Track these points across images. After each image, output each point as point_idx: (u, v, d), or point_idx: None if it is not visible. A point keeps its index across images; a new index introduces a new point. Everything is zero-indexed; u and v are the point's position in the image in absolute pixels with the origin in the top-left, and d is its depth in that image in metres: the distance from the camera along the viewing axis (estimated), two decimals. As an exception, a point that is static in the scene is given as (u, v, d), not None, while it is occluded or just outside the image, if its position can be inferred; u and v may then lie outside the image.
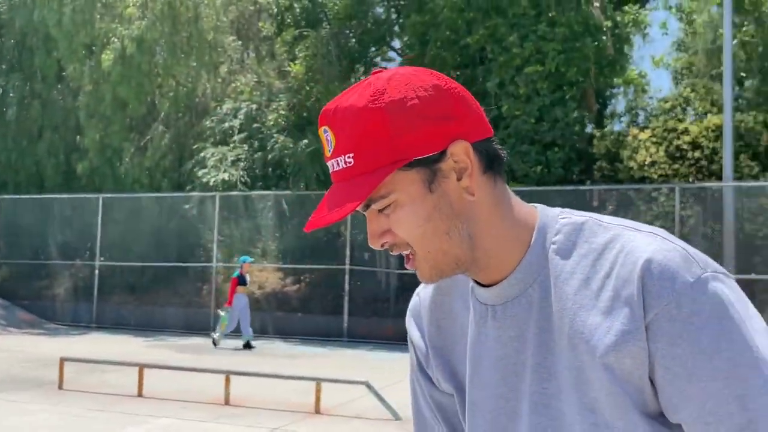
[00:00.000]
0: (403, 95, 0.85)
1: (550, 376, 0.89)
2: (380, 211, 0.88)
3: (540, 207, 0.94)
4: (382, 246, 0.91)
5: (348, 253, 13.99)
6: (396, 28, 16.20)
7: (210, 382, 8.00)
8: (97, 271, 16.25)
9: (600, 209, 13.74)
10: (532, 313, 0.90)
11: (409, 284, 14.80)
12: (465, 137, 0.87)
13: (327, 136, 0.89)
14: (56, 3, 16.06)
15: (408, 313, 1.08)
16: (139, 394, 7.82)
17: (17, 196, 17.48)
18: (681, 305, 0.80)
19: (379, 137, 0.85)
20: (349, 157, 0.86)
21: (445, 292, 1.02)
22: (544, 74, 13.66)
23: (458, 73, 15.53)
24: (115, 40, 16.10)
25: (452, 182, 0.87)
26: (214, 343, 12.48)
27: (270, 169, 15.20)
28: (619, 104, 19.28)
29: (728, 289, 0.82)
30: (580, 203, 13.49)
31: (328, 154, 0.90)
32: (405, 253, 0.91)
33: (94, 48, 16.92)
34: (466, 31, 14.35)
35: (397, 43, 17.19)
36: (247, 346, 12.26)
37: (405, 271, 14.63)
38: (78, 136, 17.38)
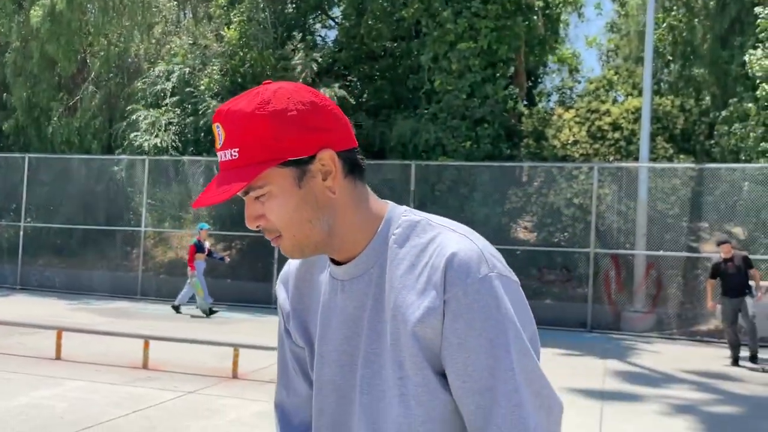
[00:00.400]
0: (284, 107, 1.04)
1: (378, 338, 1.11)
2: (256, 198, 1.07)
3: (391, 205, 1.17)
4: (257, 227, 1.09)
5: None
6: (334, -3, 16.19)
7: (129, 346, 8.12)
8: (21, 232, 15.95)
9: (526, 185, 14.22)
10: (371, 288, 1.12)
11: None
12: (332, 146, 1.07)
13: (219, 131, 1.07)
14: (-19, -46, 15.47)
15: (279, 278, 1.30)
16: (57, 357, 7.88)
17: (-63, 153, 16.95)
18: (467, 293, 1.03)
19: (261, 138, 1.04)
20: (234, 152, 1.05)
21: (310, 264, 1.24)
22: (477, 51, 13.92)
23: (394, 44, 15.69)
24: (44, -5, 15.63)
25: (318, 181, 1.07)
26: (177, 311, 12.43)
27: (202, 134, 15.11)
28: (551, 83, 19.82)
29: (505, 288, 1.05)
30: (507, 179, 13.94)
31: (218, 146, 1.08)
32: (273, 237, 1.10)
33: (23, 3, 16.39)
34: (401, 3, 14.47)
35: (335, 12, 17.18)
36: (210, 312, 12.30)
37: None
38: (5, 94, 16.87)
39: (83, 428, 5.30)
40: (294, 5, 16.48)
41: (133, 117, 15.07)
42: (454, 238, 1.07)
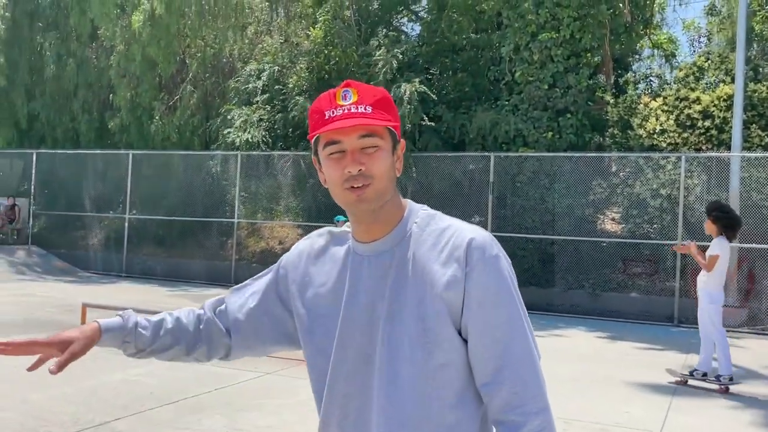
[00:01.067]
0: (390, 98, 1.41)
1: (399, 299, 1.37)
2: (365, 149, 1.34)
3: (410, 201, 1.47)
4: (357, 167, 1.33)
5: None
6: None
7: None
8: (126, 224, 17.11)
9: (611, 176, 13.99)
10: (394, 261, 1.39)
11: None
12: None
13: (347, 93, 1.36)
14: (89, -36, 16.61)
15: (297, 247, 1.58)
16: (152, 339, 8.54)
17: (54, 151, 18.37)
18: (486, 264, 1.33)
19: (389, 109, 1.38)
20: (368, 107, 1.34)
21: (317, 252, 1.53)
22: (559, 41, 13.80)
23: (476, 36, 15.74)
24: (145, 1, 16.62)
25: (397, 159, 1.41)
26: None
27: (290, 129, 15.70)
28: (646, 70, 19.27)
29: (509, 266, 1.38)
30: (591, 169, 13.76)
31: (341, 102, 1.35)
32: (362, 183, 1.34)
33: (125, 9, 17.49)
34: (483, -4, 14.52)
35: (418, 7, 17.39)
36: None
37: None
38: (111, 95, 18.07)
39: (169, 402, 5.82)
40: (379, 2, 16.79)
41: (228, 116, 15.82)
42: (469, 227, 1.38)
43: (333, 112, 1.34)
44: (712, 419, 6.03)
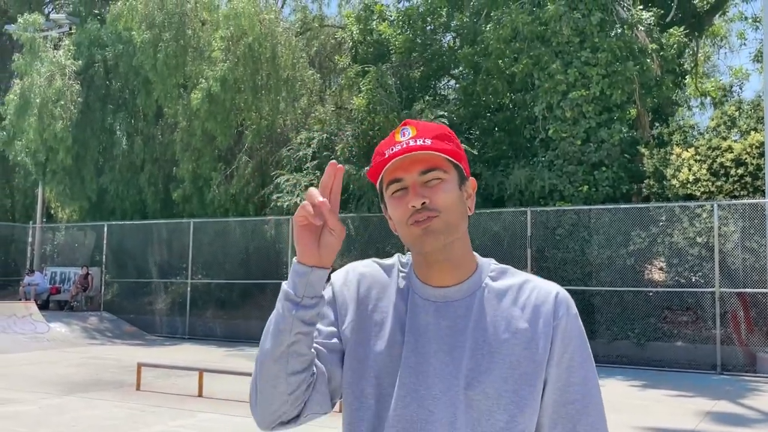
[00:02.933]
0: (455, 137, 1.36)
1: (480, 353, 1.28)
2: (425, 182, 1.28)
3: (476, 253, 1.41)
4: (419, 201, 1.26)
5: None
6: (454, 58, 17.19)
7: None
8: (189, 288, 18.17)
9: (650, 226, 14.16)
10: (472, 314, 1.31)
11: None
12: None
13: (405, 130, 1.31)
14: (152, 49, 18.15)
15: (352, 270, 1.42)
16: (199, 395, 9.24)
17: (123, 222, 19.77)
18: (569, 322, 1.31)
19: (450, 140, 1.32)
20: (427, 140, 1.27)
21: (375, 280, 1.40)
22: (590, 98, 14.28)
23: (511, 97, 16.37)
24: (203, 80, 18.00)
25: (468, 195, 1.35)
26: None
27: (338, 193, 16.53)
28: (686, 119, 19.45)
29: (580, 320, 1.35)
30: (629, 220, 13.98)
31: (400, 138, 1.29)
32: (428, 216, 1.27)
33: (186, 88, 18.94)
34: (513, 59, 15.18)
35: (455, 72, 18.21)
36: None
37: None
38: (174, 168, 19.42)
39: (201, 449, 6.45)
40: (420, 70, 17.69)
41: (277, 180, 16.82)
42: (547, 283, 1.36)
43: (392, 149, 1.29)
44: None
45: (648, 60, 14.42)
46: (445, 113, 15.56)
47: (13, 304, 16.89)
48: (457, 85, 17.78)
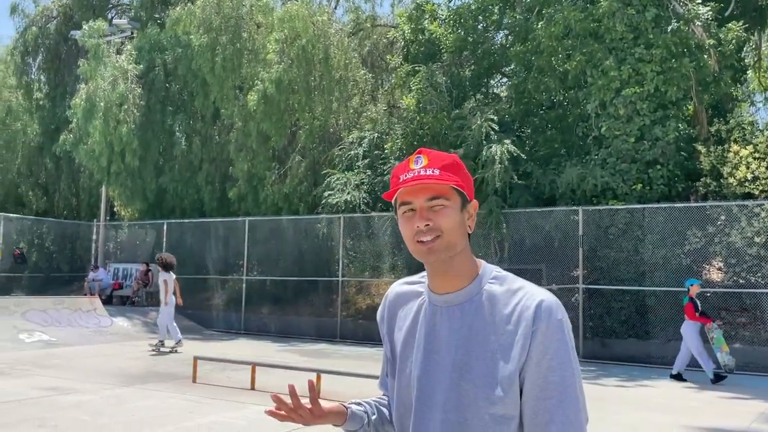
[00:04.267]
0: (461, 163, 1.61)
1: (470, 351, 1.52)
2: (433, 207, 1.53)
3: (484, 261, 1.64)
4: (425, 224, 1.52)
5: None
6: (505, 56, 17.10)
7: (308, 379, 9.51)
8: (244, 285, 18.62)
9: (704, 225, 13.87)
10: (468, 316, 1.55)
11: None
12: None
13: (418, 158, 1.56)
14: (210, 53, 18.65)
15: (385, 296, 1.78)
16: (252, 388, 9.52)
17: (182, 221, 20.36)
18: (549, 328, 1.48)
19: (457, 171, 1.57)
20: (436, 170, 1.53)
21: (404, 297, 1.72)
22: (644, 95, 14.05)
23: (564, 95, 16.22)
24: (258, 82, 18.40)
25: (469, 217, 1.59)
26: (680, 378, 11.23)
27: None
28: (744, 116, 18.90)
29: (568, 329, 1.52)
30: (685, 220, 13.71)
31: (413, 166, 1.55)
32: (432, 237, 1.52)
33: (242, 90, 19.39)
34: (566, 57, 15.06)
35: (506, 71, 18.13)
36: (718, 378, 10.93)
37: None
38: (230, 167, 19.90)
39: (250, 440, 6.68)
40: (471, 69, 17.68)
41: (328, 179, 17.08)
42: (539, 290, 1.54)
43: (406, 176, 1.54)
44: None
45: (705, 56, 14.10)
46: (495, 112, 15.52)
47: (78, 299, 17.62)
48: (509, 83, 17.69)
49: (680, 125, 14.39)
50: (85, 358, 12.62)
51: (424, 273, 1.69)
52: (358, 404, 1.80)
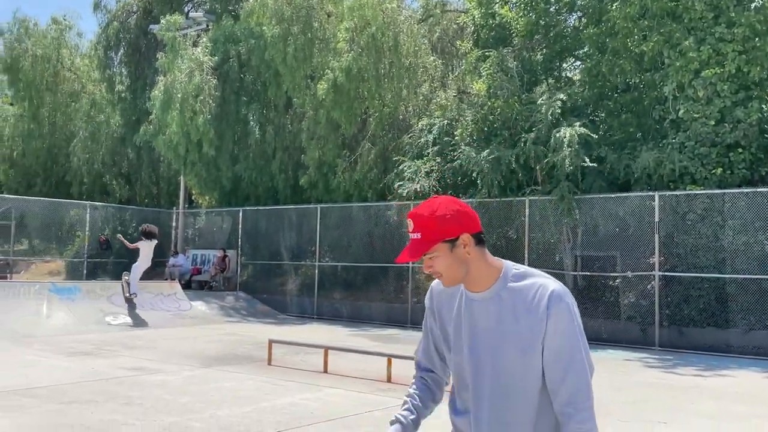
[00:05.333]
0: (443, 213, 2.03)
1: (504, 334, 2.05)
2: (430, 258, 2.04)
3: (504, 261, 2.13)
4: (428, 270, 2.06)
5: (526, 255, 15.06)
6: (578, 39, 16.73)
7: (383, 364, 9.62)
8: (317, 271, 18.97)
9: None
10: (500, 306, 2.07)
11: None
12: (467, 231, 2.05)
13: (410, 222, 2.05)
14: (281, 43, 18.97)
15: (430, 288, 2.28)
16: (325, 371, 9.75)
17: (257, 208, 20.87)
18: (559, 311, 2.01)
19: (432, 229, 2.02)
20: (418, 235, 2.03)
21: (446, 294, 2.21)
22: (725, 76, 13.54)
23: (639, 78, 15.78)
24: (329, 71, 18.62)
25: (461, 249, 2.04)
26: None
27: (459, 178, 16.65)
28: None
29: (575, 312, 2.03)
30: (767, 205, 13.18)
31: (410, 230, 2.05)
32: (437, 276, 2.08)
33: (313, 79, 19.66)
34: (642, 38, 14.64)
35: (579, 53, 17.73)
36: None
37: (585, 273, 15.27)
38: (302, 155, 20.25)
39: (323, 420, 6.88)
40: (542, 53, 17.40)
41: (400, 167, 17.17)
42: (551, 281, 2.06)
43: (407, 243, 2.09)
44: None
45: (792, 33, 13.45)
46: (566, 96, 15.24)
47: (159, 284, 18.35)
48: (582, 67, 17.33)
49: (764, 106, 13.79)
50: (166, 340, 13.17)
51: None
52: (408, 410, 2.30)
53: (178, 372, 9.63)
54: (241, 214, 20.93)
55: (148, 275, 17.48)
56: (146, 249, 16.20)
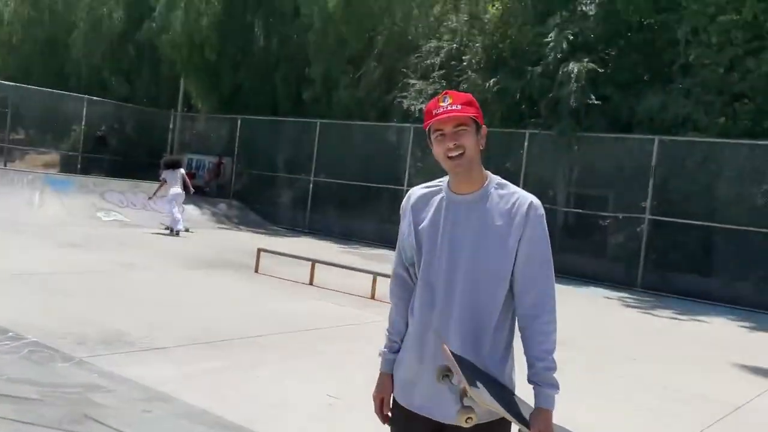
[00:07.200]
0: (474, 100, 2.20)
1: (486, 229, 2.16)
2: (457, 132, 2.12)
3: (489, 173, 2.26)
4: (453, 143, 2.12)
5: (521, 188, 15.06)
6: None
7: (367, 280, 9.73)
8: (311, 186, 19.01)
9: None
10: (482, 208, 2.19)
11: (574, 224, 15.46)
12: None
13: (445, 98, 2.14)
14: (293, -51, 18.38)
15: (409, 193, 2.35)
16: (310, 283, 9.91)
17: (256, 117, 20.69)
18: (536, 218, 2.17)
19: (469, 104, 2.15)
20: (458, 106, 2.12)
21: (425, 198, 2.28)
22: (740, 23, 13.25)
23: (653, 19, 15.43)
24: (340, -18, 18.10)
25: (481, 138, 2.19)
26: None
27: (462, 105, 16.47)
28: None
29: (544, 220, 2.20)
30: (765, 158, 13.15)
31: (442, 104, 2.13)
32: (459, 152, 2.12)
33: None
34: (661, -24, 14.25)
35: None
36: None
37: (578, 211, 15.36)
38: (307, 69, 19.94)
39: (303, 329, 7.05)
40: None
41: (406, 81, 16.92)
42: (528, 194, 2.22)
43: (437, 110, 2.14)
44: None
45: (814, -17, 13.09)
46: (576, 31, 14.92)
47: (154, 185, 18.34)
48: (598, 1, 16.89)
49: (776, 58, 13.56)
50: (154, 241, 13.30)
51: (440, 179, 2.30)
52: (391, 347, 2.37)
53: (165, 272, 9.78)
54: (239, 122, 20.77)
55: (143, 175, 17.46)
56: (172, 180, 14.99)
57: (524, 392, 2.18)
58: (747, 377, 7.07)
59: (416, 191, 2.33)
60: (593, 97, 14.12)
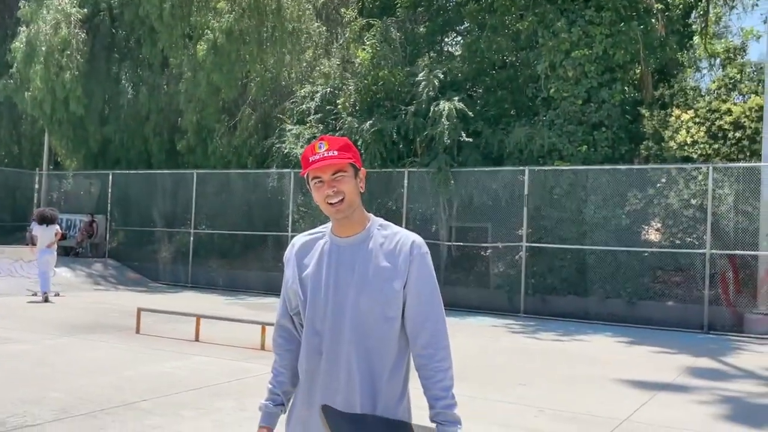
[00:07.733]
0: (350, 144, 2.19)
1: (366, 274, 2.14)
2: (335, 178, 2.11)
3: (371, 214, 2.26)
4: (332, 190, 2.10)
5: (404, 226, 15.33)
6: (460, 14, 17.07)
7: (257, 332, 9.52)
8: (192, 238, 18.48)
9: (645, 187, 14.26)
10: (364, 250, 2.17)
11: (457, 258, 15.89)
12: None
13: (321, 144, 2.12)
14: (158, -1, 18.10)
15: (292, 242, 2.32)
16: (196, 339, 9.56)
17: (128, 171, 19.98)
18: (421, 257, 2.17)
19: (347, 150, 2.13)
20: (335, 152, 2.10)
21: (308, 245, 2.27)
22: (592, 57, 14.25)
23: (515, 56, 16.33)
24: (209, 31, 17.98)
25: (360, 181, 2.18)
26: None
27: (340, 147, 16.64)
28: (704, 80, 19.31)
29: (429, 258, 2.21)
30: (627, 181, 14.08)
31: (319, 150, 2.10)
32: (339, 198, 2.11)
33: (191, 38, 18.93)
34: (518, 16, 15.12)
35: (460, 29, 18.11)
36: None
37: (457, 244, 15.77)
38: (179, 119, 19.53)
39: (192, 389, 6.76)
40: (425, 26, 17.60)
41: (282, 127, 16.91)
42: (410, 233, 2.22)
43: (314, 157, 2.12)
44: (682, 412, 6.50)
45: (653, 20, 14.33)
46: (445, 70, 15.53)
47: (19, 249, 17.24)
48: (462, 42, 17.70)
49: (626, 88, 14.68)
50: (26, 309, 12.45)
51: (324, 225, 2.30)
52: (273, 399, 2.31)
53: (37, 341, 9.14)
54: (111, 177, 19.96)
55: (8, 240, 16.36)
56: (43, 236, 13.91)
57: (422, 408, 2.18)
58: (627, 392, 7.41)
59: (299, 239, 2.31)
60: (463, 133, 14.67)
